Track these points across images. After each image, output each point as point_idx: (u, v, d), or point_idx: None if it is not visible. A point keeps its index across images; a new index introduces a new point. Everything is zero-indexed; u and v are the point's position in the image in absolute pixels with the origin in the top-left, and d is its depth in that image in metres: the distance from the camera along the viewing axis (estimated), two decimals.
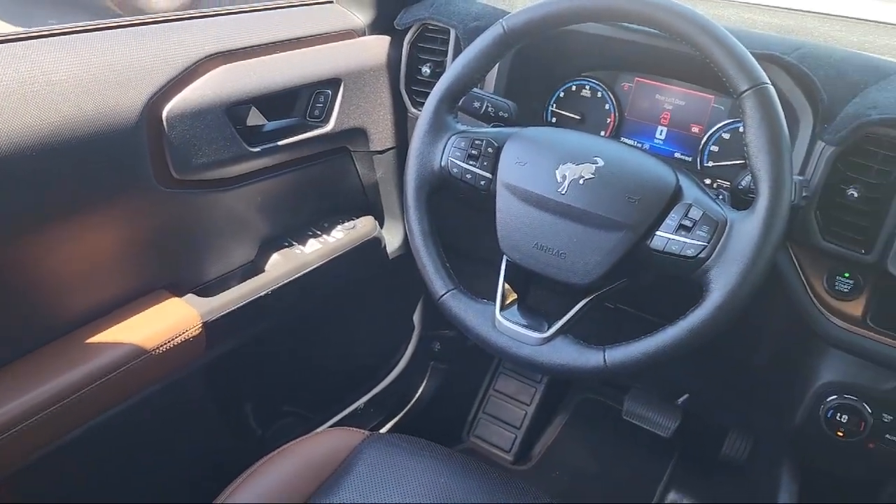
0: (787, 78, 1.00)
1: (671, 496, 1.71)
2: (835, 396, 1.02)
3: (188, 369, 1.13)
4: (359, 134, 1.33)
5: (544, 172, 0.94)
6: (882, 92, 0.96)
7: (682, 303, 0.87)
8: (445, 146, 1.01)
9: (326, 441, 1.06)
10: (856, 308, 0.99)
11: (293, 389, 1.48)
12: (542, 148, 0.97)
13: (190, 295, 1.11)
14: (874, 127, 0.91)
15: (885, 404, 1.01)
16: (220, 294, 1.13)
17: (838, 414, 1.02)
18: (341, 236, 1.33)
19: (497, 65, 1.18)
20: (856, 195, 0.93)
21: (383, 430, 1.72)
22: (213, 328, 1.09)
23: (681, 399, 1.68)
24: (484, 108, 1.10)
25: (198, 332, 1.07)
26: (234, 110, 1.09)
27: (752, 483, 1.34)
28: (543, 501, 0.97)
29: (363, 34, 1.33)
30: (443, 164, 1.01)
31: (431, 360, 1.82)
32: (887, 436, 1.01)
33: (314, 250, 1.28)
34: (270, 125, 1.18)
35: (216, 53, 1.08)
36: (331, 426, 1.57)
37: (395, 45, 1.33)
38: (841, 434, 1.02)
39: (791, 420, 1.07)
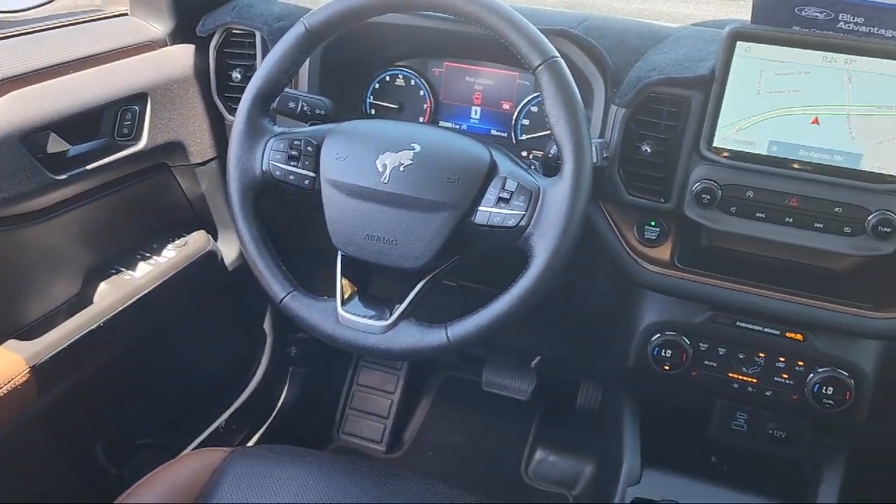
0: (577, 49, 1.08)
1: (538, 454, 1.80)
2: (658, 335, 1.12)
3: (21, 418, 1.06)
4: (176, 148, 1.29)
5: (365, 164, 0.96)
6: (659, 54, 1.06)
7: (517, 270, 0.92)
8: (264, 150, 1.00)
9: (187, 465, 1.03)
10: (664, 252, 1.09)
11: (146, 420, 1.42)
12: (360, 140, 0.99)
13: (11, 340, 1.04)
14: (656, 87, 1.00)
15: (700, 335, 1.12)
16: (46, 334, 1.06)
17: (663, 350, 1.12)
18: (173, 255, 1.29)
19: (307, 62, 1.18)
20: (649, 150, 1.02)
21: (250, 444, 1.69)
22: (42, 371, 1.02)
23: (533, 362, 1.77)
24: (300, 107, 1.10)
25: (25, 378, 1.00)
26: (31, 138, 1.03)
27: (605, 428, 1.45)
28: (414, 483, 1.00)
29: (165, 45, 1.29)
30: (264, 168, 1.00)
31: (289, 365, 1.80)
32: (706, 362, 1.12)
33: (145, 274, 1.23)
34: (75, 150, 1.11)
35: (1, 80, 1.00)
36: (193, 450, 1.52)
37: (201, 53, 1.30)
38: (667, 368, 1.12)
39: (625, 362, 1.17)
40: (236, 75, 1.29)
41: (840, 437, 1.18)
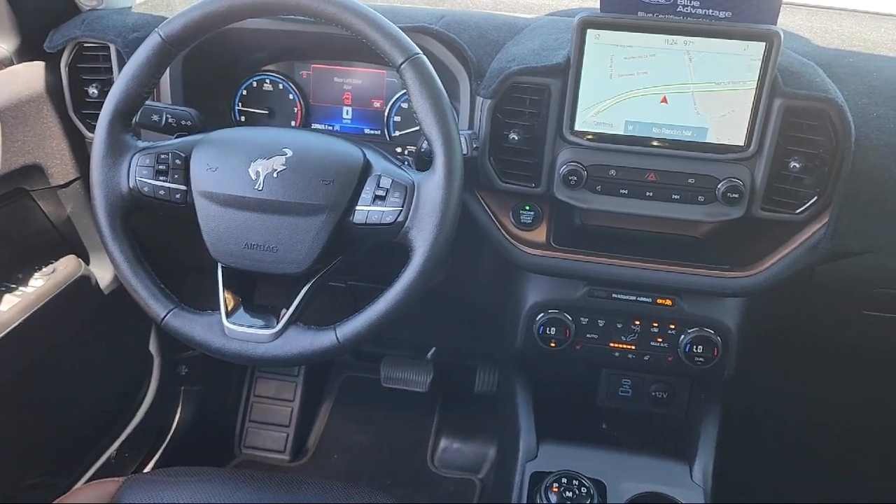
0: (438, 45, 1.11)
1: (442, 443, 1.83)
2: (542, 314, 1.17)
3: None
4: (34, 171, 1.22)
5: (237, 173, 0.95)
6: (518, 45, 1.10)
7: (401, 266, 0.94)
8: (130, 167, 0.97)
9: (78, 501, 0.99)
10: (540, 234, 1.13)
11: (31, 460, 1.34)
12: (230, 149, 0.98)
13: None
14: (516, 77, 1.04)
15: (580, 310, 1.17)
16: None
17: (548, 328, 1.17)
18: (41, 284, 1.22)
19: (168, 73, 1.15)
20: (516, 138, 1.06)
21: (146, 471, 1.63)
22: None
23: (429, 354, 1.80)
24: (164, 119, 1.07)
25: None
26: None
27: (503, 409, 1.49)
28: (317, 486, 1.00)
29: (11, 63, 1.22)
30: (131, 185, 0.97)
31: (181, 385, 1.75)
32: (588, 335, 1.18)
33: (11, 306, 1.16)
34: None
35: None
36: (84, 484, 1.45)
37: (52, 70, 1.24)
38: (553, 345, 1.17)
39: (514, 344, 1.21)
40: (93, 91, 1.23)
41: (714, 393, 1.27)
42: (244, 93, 1.29)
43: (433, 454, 1.82)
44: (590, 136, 1.05)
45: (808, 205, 1.02)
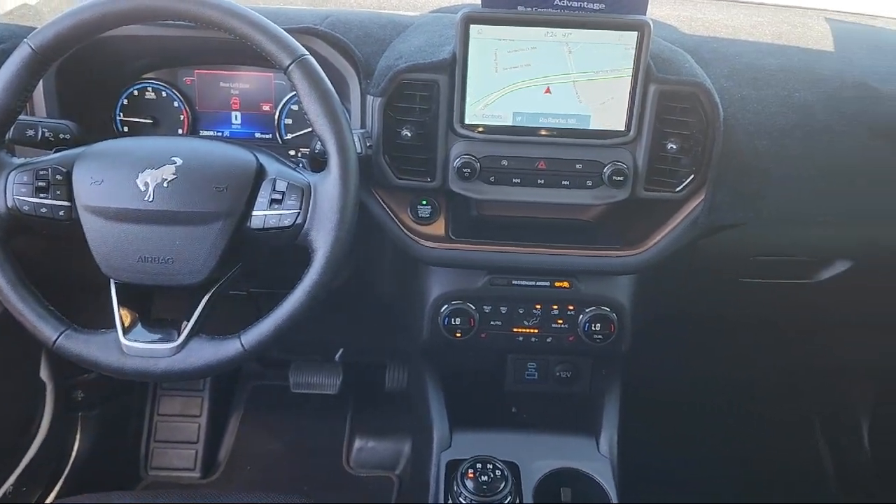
0: (325, 45, 1.11)
1: (357, 443, 1.83)
2: (446, 305, 1.19)
3: None
4: None
5: (124, 185, 0.92)
6: (404, 43, 1.11)
7: (303, 268, 0.93)
8: (6, 185, 0.93)
9: None
10: (439, 228, 1.15)
11: None
12: (115, 161, 0.94)
13: None
14: (405, 74, 1.05)
15: (483, 299, 1.20)
16: None
17: (452, 319, 1.19)
18: None
19: (41, 85, 1.09)
20: (409, 134, 1.08)
21: (48, 502, 1.55)
22: None
23: (337, 355, 1.80)
24: (40, 134, 1.02)
25: None
26: None
27: (415, 403, 1.50)
28: (229, 499, 0.98)
29: None
30: (9, 204, 0.92)
31: (78, 410, 1.67)
32: (492, 323, 1.21)
33: None
34: None
35: None
36: None
37: None
38: (459, 335, 1.20)
39: (421, 337, 1.23)
40: None
41: (614, 368, 1.32)
42: (125, 102, 1.25)
43: (349, 455, 1.82)
44: (480, 129, 1.07)
45: (685, 183, 1.09)
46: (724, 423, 1.90)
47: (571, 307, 1.20)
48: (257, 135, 1.27)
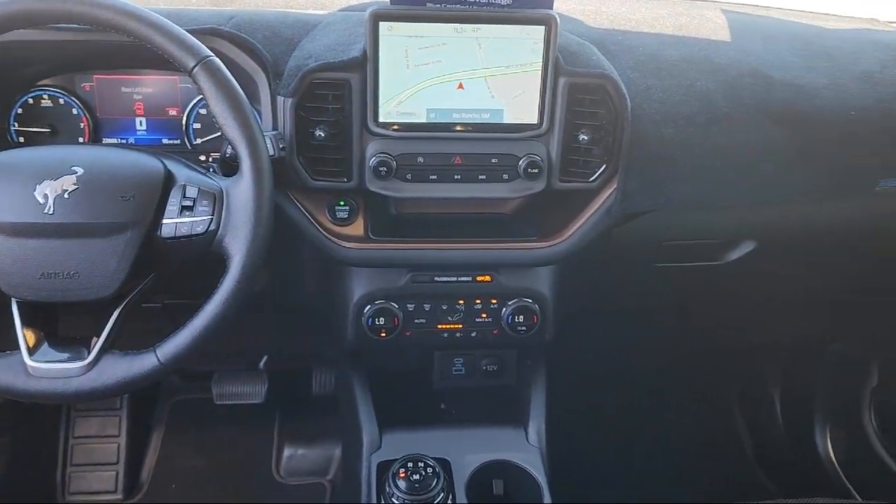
0: (231, 46, 1.08)
1: (286, 451, 1.80)
2: (369, 306, 1.18)
3: None
4: None
5: (21, 198, 0.87)
6: (313, 42, 1.10)
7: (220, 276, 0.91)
8: None
9: None
10: (358, 228, 1.14)
11: None
12: (10, 173, 0.89)
13: None
14: (315, 73, 1.03)
15: (406, 297, 1.20)
16: None
17: (376, 319, 1.18)
18: None
19: None
20: (323, 135, 1.06)
21: None
22: None
23: (261, 362, 1.76)
24: None
25: None
26: None
27: (344, 406, 1.49)
28: None
29: None
30: None
31: None
32: (416, 321, 1.21)
33: None
34: None
35: None
36: None
37: None
38: (384, 334, 1.19)
39: (346, 339, 1.21)
40: None
41: (538, 358, 1.34)
42: (19, 111, 1.18)
43: (278, 464, 1.79)
44: (395, 127, 1.07)
45: (598, 173, 1.11)
46: (646, 405, 1.97)
47: (494, 301, 1.21)
48: (165, 141, 1.22)
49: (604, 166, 1.11)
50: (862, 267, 1.47)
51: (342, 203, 1.13)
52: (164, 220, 0.90)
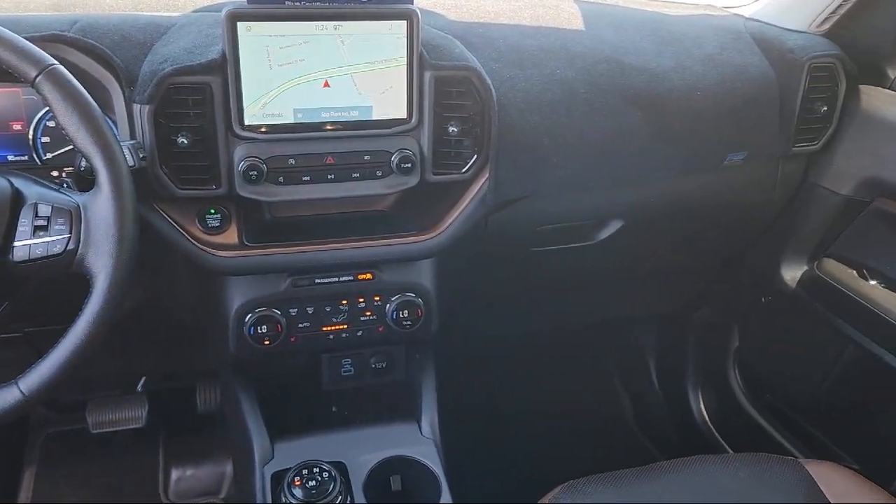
0: (77, 53, 1.02)
1: (174, 473, 1.73)
2: (250, 314, 1.15)
3: None
4: None
5: None
6: (168, 45, 1.05)
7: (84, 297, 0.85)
8: None
9: None
10: (232, 236, 1.11)
11: None
12: None
13: None
14: (172, 78, 0.99)
15: (287, 302, 1.17)
16: None
17: (258, 327, 1.15)
18: None
19: None
20: (186, 142, 1.02)
21: None
22: None
23: (140, 384, 1.67)
24: None
25: None
26: None
27: (232, 421, 1.44)
28: None
29: None
30: None
31: None
32: (300, 325, 1.18)
33: None
34: None
35: None
36: None
37: None
38: (267, 342, 1.16)
39: (228, 351, 1.18)
40: None
41: (426, 350, 1.35)
42: None
43: (166, 488, 1.71)
44: (263, 129, 1.04)
45: (470, 164, 1.13)
46: (532, 384, 2.03)
47: (377, 298, 1.21)
48: (10, 157, 1.13)
49: (475, 157, 1.13)
50: (716, 237, 1.58)
51: (213, 211, 1.10)
52: (16, 243, 0.84)
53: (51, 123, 1.12)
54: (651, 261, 1.60)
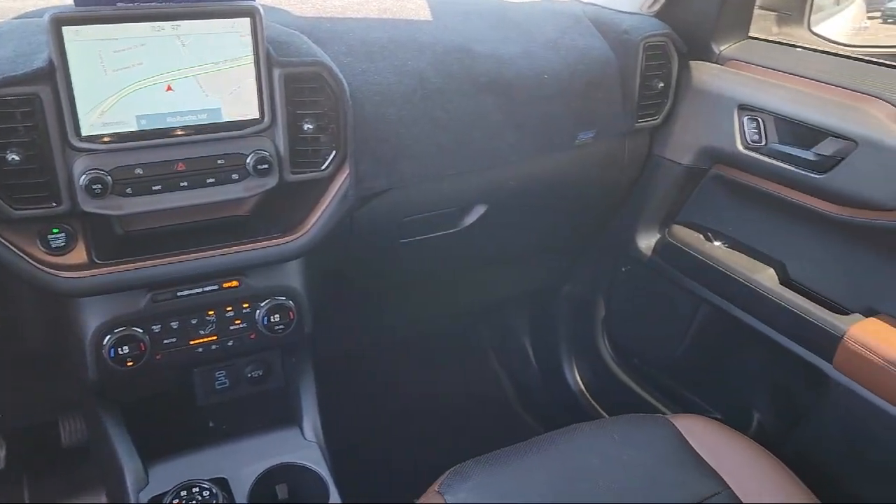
0: None
1: None
2: (108, 336, 1.09)
3: None
4: None
5: None
6: None
7: None
8: None
9: None
10: (80, 255, 1.04)
11: None
12: None
13: None
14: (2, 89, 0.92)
15: (149, 319, 1.11)
16: None
17: (119, 348, 1.09)
18: None
19: None
20: (18, 158, 0.94)
21: None
22: None
23: None
24: None
25: None
26: None
27: (102, 451, 1.36)
28: None
29: None
30: None
31: None
32: (165, 341, 1.13)
33: None
34: None
35: None
36: None
37: None
38: (131, 363, 1.10)
39: (88, 377, 1.11)
40: None
41: (303, 353, 1.33)
42: None
43: None
44: (105, 139, 0.98)
45: (329, 161, 1.12)
46: (414, 373, 2.05)
47: (246, 305, 1.18)
48: None
49: (333, 153, 1.12)
50: (574, 214, 1.65)
51: (56, 230, 1.02)
52: None
53: None
54: (517, 241, 1.65)
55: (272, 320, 1.18)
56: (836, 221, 1.24)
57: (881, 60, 1.31)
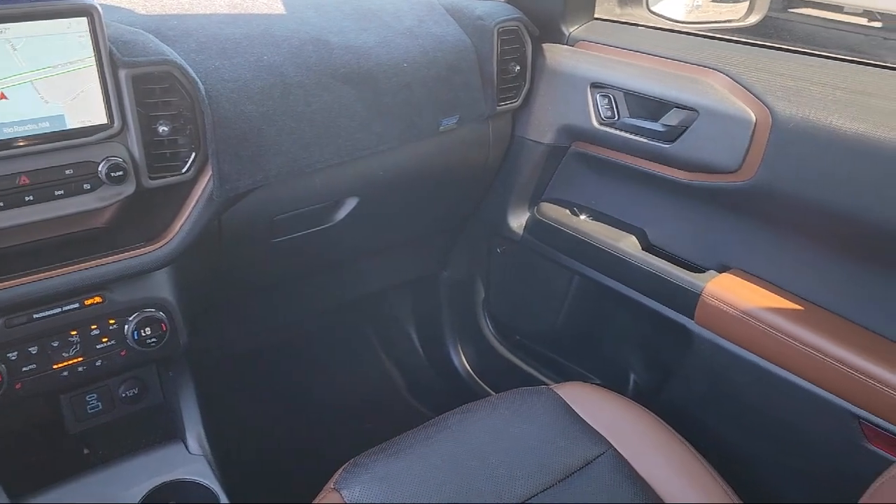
0: None
1: None
2: None
3: None
4: None
5: None
6: None
7: None
8: None
9: None
10: None
11: None
12: None
13: None
14: None
15: (6, 346, 1.03)
16: None
17: None
18: None
19: None
20: None
21: None
22: None
23: None
24: None
25: None
26: None
27: None
28: None
29: None
30: None
31: None
32: (24, 369, 1.05)
33: None
34: None
35: None
36: None
37: None
38: None
39: None
40: None
41: (180, 365, 1.28)
42: None
43: None
44: None
45: (189, 163, 1.08)
46: (301, 373, 2.02)
47: (112, 321, 1.12)
48: None
49: (193, 154, 1.08)
50: (446, 200, 1.68)
51: None
52: None
53: None
54: (392, 231, 1.65)
55: (143, 334, 1.13)
56: (686, 187, 1.32)
57: (715, 35, 1.41)
